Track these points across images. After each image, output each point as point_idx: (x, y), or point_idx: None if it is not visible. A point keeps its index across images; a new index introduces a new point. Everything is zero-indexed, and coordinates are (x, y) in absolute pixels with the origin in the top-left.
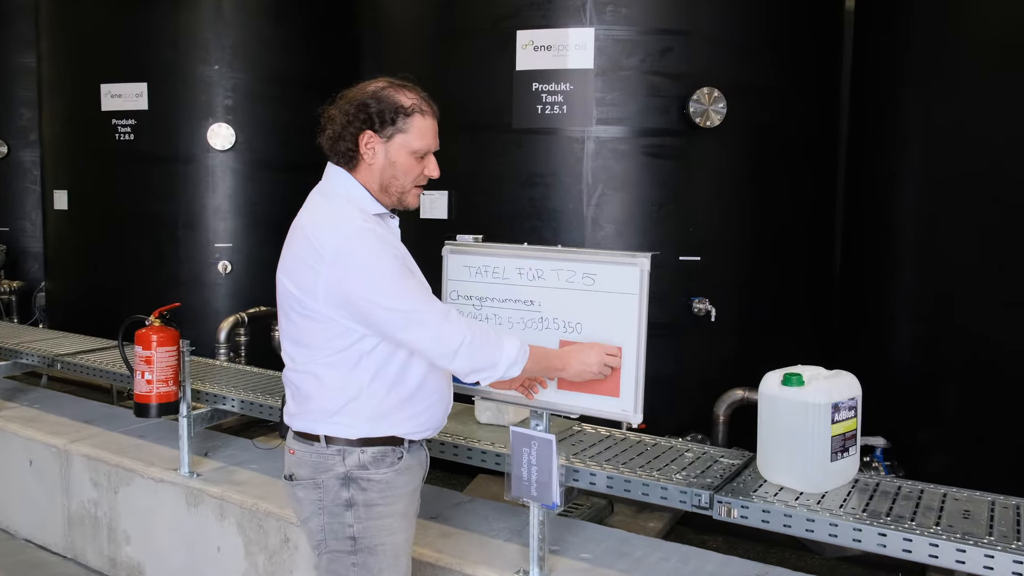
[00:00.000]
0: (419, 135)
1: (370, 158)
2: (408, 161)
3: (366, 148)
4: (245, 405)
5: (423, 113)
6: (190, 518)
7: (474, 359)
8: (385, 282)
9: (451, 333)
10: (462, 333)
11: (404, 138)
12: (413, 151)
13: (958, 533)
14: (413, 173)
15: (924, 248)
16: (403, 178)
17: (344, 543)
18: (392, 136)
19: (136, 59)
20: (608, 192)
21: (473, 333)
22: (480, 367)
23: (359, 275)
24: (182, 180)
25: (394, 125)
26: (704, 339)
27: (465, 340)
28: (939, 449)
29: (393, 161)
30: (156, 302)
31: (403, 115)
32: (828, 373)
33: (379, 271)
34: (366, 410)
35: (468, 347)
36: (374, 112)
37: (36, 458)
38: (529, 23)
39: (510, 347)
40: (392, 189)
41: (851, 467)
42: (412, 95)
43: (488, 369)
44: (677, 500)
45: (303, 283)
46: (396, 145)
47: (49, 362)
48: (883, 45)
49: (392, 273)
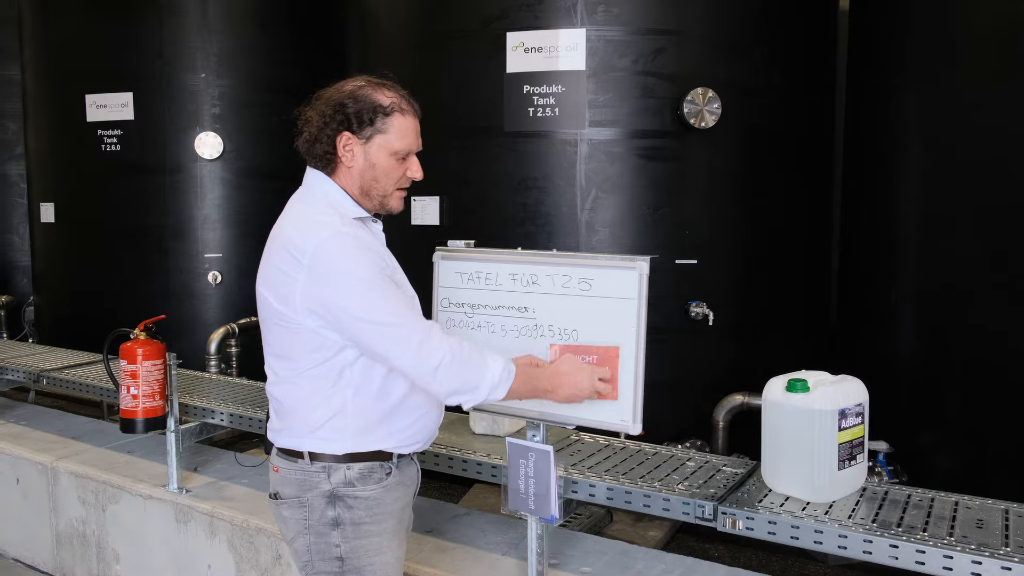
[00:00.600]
0: (399, 135)
1: (349, 160)
2: (388, 163)
3: (344, 150)
4: (234, 419)
5: (403, 112)
6: (180, 535)
7: (454, 380)
8: (362, 290)
9: (431, 351)
10: (442, 352)
11: (383, 139)
12: (393, 152)
13: (973, 544)
14: (394, 175)
15: (926, 249)
16: (384, 180)
17: (331, 564)
18: (371, 137)
19: (121, 68)
20: (602, 195)
21: (455, 353)
22: (460, 389)
23: (335, 281)
24: (170, 190)
25: (372, 125)
26: (701, 343)
27: (445, 360)
28: (942, 453)
29: (372, 163)
30: (146, 314)
31: (382, 115)
32: (833, 378)
33: (357, 277)
34: (351, 424)
35: (448, 367)
36: (351, 112)
37: (23, 476)
38: (519, 24)
39: (494, 369)
40: (373, 192)
41: (859, 475)
42: (391, 93)
43: (469, 392)
44: (680, 512)
45: (281, 292)
46: (375, 146)
47: (35, 378)
48: (878, 43)
49: (371, 281)
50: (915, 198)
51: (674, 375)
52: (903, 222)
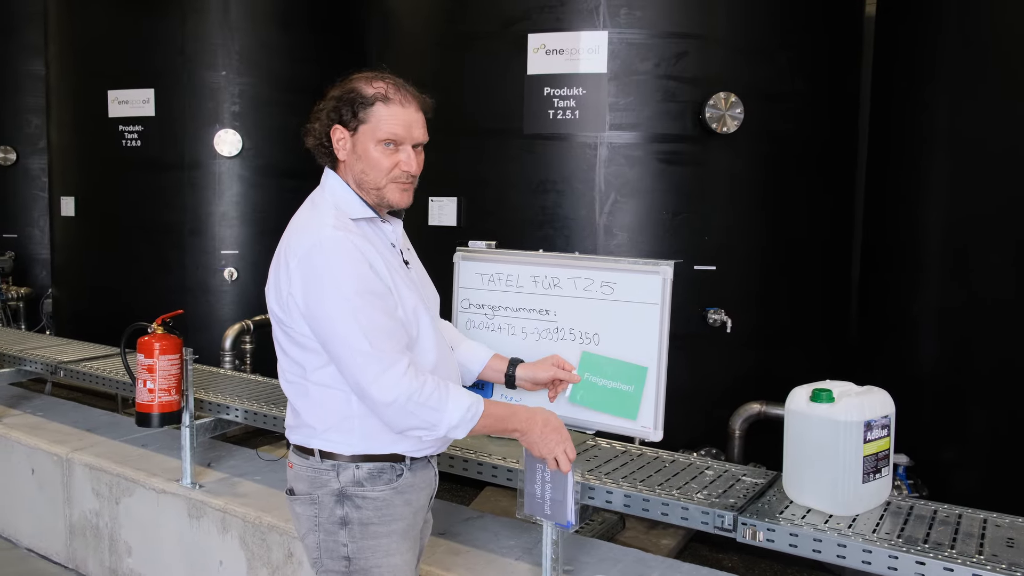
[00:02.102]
0: (382, 123)
1: (342, 154)
2: (375, 152)
3: (338, 143)
4: (249, 415)
5: (386, 101)
6: (192, 530)
7: (407, 420)
8: (339, 305)
9: (388, 386)
10: (400, 390)
11: (366, 128)
12: (378, 141)
13: (1004, 563)
14: (383, 166)
15: (951, 259)
16: (372, 172)
17: (339, 563)
18: (357, 128)
19: (143, 65)
20: (621, 199)
21: (411, 393)
22: (415, 427)
23: (317, 290)
24: (189, 186)
25: (356, 117)
26: (718, 350)
27: (399, 399)
28: (964, 467)
29: (359, 155)
30: (162, 309)
31: (365, 105)
32: (859, 389)
33: (337, 291)
34: (358, 428)
35: (401, 407)
36: (342, 105)
37: (38, 466)
38: (541, 26)
39: (454, 412)
40: (366, 185)
41: (883, 489)
42: (379, 84)
43: (425, 429)
44: (699, 521)
45: (280, 297)
46: (361, 136)
47: (52, 369)
48: (907, 51)
49: (351, 293)
50: (941, 208)
51: (691, 382)
52: (928, 231)
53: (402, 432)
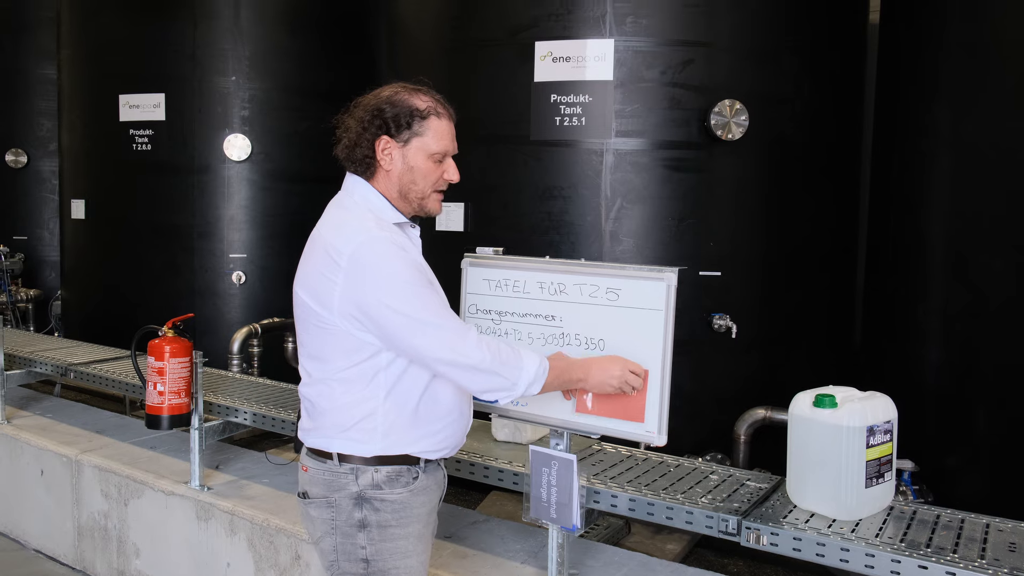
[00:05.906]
0: (436, 138)
1: (387, 164)
2: (426, 165)
3: (383, 154)
4: (258, 418)
5: (439, 115)
6: (200, 532)
7: (491, 380)
8: (401, 287)
9: (469, 350)
10: (480, 352)
11: (421, 141)
12: (431, 154)
13: (1005, 568)
14: (432, 177)
15: (955, 265)
16: (422, 183)
17: (357, 565)
18: (409, 140)
19: (154, 70)
20: (627, 206)
21: (492, 354)
22: (497, 387)
23: (374, 281)
24: (198, 190)
25: (410, 129)
26: (723, 356)
27: (483, 360)
28: (969, 473)
29: (411, 166)
30: (171, 311)
31: (419, 118)
32: (862, 395)
33: (396, 277)
34: (381, 427)
35: (484, 367)
36: (389, 117)
37: (47, 468)
38: (548, 34)
39: (529, 367)
40: (411, 195)
41: (886, 494)
42: (427, 98)
43: (505, 390)
44: (703, 525)
45: (319, 294)
46: (413, 149)
47: (62, 371)
48: (910, 58)
49: (410, 280)
50: (945, 213)
51: (695, 387)
52: (932, 237)
53: (483, 395)
